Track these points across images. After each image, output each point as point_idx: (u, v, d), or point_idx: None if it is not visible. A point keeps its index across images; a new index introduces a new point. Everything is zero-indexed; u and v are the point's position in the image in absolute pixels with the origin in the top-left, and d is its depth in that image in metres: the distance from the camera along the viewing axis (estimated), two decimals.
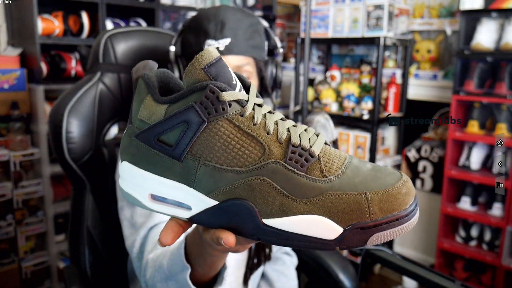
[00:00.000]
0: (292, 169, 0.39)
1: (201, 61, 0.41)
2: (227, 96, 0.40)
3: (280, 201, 0.39)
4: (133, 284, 0.98)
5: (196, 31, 0.88)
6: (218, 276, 0.62)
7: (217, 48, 0.85)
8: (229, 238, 0.40)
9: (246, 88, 0.45)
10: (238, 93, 0.41)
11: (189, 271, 0.58)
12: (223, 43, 0.85)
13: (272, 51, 1.00)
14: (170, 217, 0.45)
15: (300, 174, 0.39)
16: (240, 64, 0.87)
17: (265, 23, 0.95)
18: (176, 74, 0.91)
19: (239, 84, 0.43)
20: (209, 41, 0.85)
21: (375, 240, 0.38)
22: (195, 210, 0.42)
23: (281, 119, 0.43)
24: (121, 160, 0.45)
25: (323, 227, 0.38)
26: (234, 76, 0.43)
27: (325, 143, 0.43)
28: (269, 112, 0.43)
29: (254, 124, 0.41)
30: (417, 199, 0.40)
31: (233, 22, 0.87)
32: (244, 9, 0.93)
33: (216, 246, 0.45)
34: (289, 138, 0.41)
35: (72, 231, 1.05)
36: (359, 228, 0.37)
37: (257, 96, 0.44)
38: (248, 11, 0.94)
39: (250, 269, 0.96)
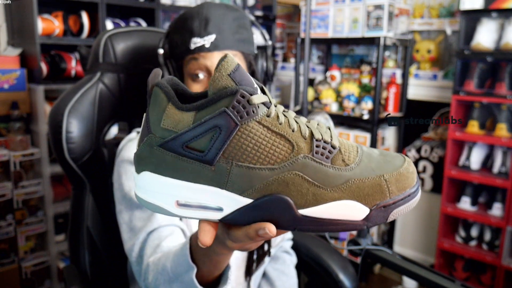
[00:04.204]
0: (320, 161, 0.43)
1: (226, 68, 0.42)
2: (256, 99, 0.42)
3: (313, 192, 0.43)
4: (132, 284, 0.98)
5: (181, 31, 0.88)
6: (222, 276, 0.62)
7: (203, 45, 0.85)
8: (271, 227, 0.43)
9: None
10: (263, 96, 0.44)
11: (195, 270, 0.58)
12: (208, 40, 0.85)
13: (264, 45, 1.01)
14: (169, 217, 0.46)
15: (327, 165, 0.44)
16: None
17: (251, 17, 0.95)
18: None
19: (257, 86, 0.45)
20: (194, 39, 0.85)
21: (394, 215, 0.44)
22: (227, 211, 0.44)
23: (295, 116, 0.46)
24: (140, 170, 0.45)
25: (354, 209, 0.43)
26: (253, 79, 0.45)
27: None
28: (284, 110, 0.46)
29: (280, 123, 0.44)
30: (418, 175, 0.46)
31: (217, 18, 0.87)
32: (228, 4, 0.93)
33: (245, 242, 0.46)
34: (311, 134, 0.44)
35: (72, 231, 1.05)
36: (382, 206, 0.43)
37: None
38: (233, 5, 0.93)
39: (250, 267, 0.96)
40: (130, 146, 0.90)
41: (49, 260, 2.13)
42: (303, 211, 0.43)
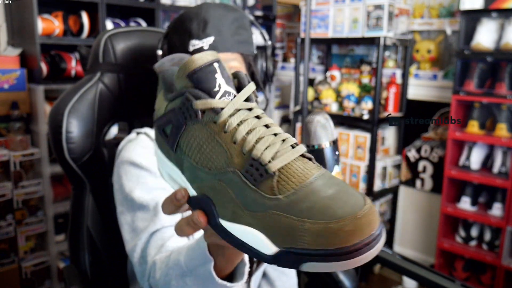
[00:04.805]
0: (246, 181, 0.41)
1: (185, 69, 0.44)
2: (200, 104, 0.43)
3: (232, 209, 0.41)
4: (132, 284, 0.98)
5: (180, 32, 0.88)
6: (234, 273, 0.62)
7: (202, 48, 0.85)
8: (200, 217, 0.44)
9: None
10: (213, 101, 0.43)
11: (212, 263, 0.58)
12: (207, 42, 0.85)
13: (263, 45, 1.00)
14: (171, 218, 0.47)
15: (252, 188, 0.40)
16: (224, 60, 0.86)
17: (250, 17, 0.95)
18: None
19: (225, 89, 0.44)
20: (193, 41, 0.85)
21: (307, 268, 0.37)
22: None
23: (265, 125, 0.44)
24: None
25: (260, 243, 0.39)
26: (219, 82, 0.44)
27: (303, 156, 0.43)
28: (257, 117, 0.44)
29: (225, 132, 0.43)
30: (373, 237, 0.36)
31: (216, 19, 0.86)
32: (227, 4, 0.92)
33: (187, 229, 0.47)
34: (251, 150, 0.42)
35: (72, 231, 1.05)
36: (292, 253, 0.37)
37: (249, 99, 0.45)
38: (232, 5, 0.93)
39: (251, 267, 0.96)
40: (130, 146, 0.90)
41: (49, 260, 2.13)
42: (222, 221, 0.42)
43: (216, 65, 0.44)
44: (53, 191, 2.09)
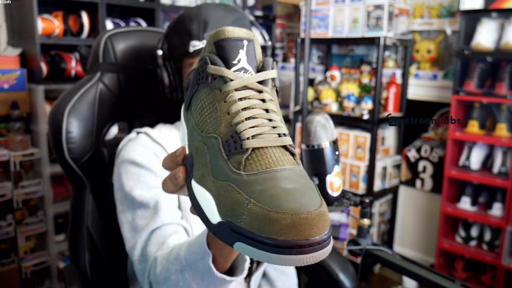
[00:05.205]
0: (222, 149, 0.43)
1: (215, 36, 0.46)
2: (212, 69, 0.45)
3: (202, 172, 0.43)
4: (133, 284, 0.98)
5: (180, 32, 0.88)
6: (235, 268, 0.62)
7: (202, 48, 0.85)
8: (180, 172, 0.47)
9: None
10: (225, 70, 0.45)
11: (210, 256, 0.58)
12: None
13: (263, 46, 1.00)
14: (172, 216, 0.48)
15: (224, 157, 0.42)
16: None
17: (251, 17, 0.95)
18: (166, 78, 0.91)
19: (243, 65, 0.46)
20: (193, 42, 0.86)
21: (238, 248, 0.37)
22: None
23: (265, 109, 0.45)
24: None
25: (210, 209, 0.41)
26: (240, 58, 0.46)
27: (287, 148, 0.43)
28: (262, 100, 0.45)
29: (224, 102, 0.45)
30: (309, 242, 0.35)
31: (216, 20, 0.87)
32: (227, 5, 0.92)
33: (170, 186, 0.49)
34: (238, 124, 0.43)
35: (72, 231, 1.05)
36: (230, 228, 0.38)
37: (264, 84, 0.46)
38: (232, 6, 0.93)
39: (251, 267, 0.96)
40: (130, 146, 0.90)
41: (49, 260, 2.13)
42: (192, 181, 0.44)
43: (245, 42, 0.46)
44: (53, 191, 2.09)
